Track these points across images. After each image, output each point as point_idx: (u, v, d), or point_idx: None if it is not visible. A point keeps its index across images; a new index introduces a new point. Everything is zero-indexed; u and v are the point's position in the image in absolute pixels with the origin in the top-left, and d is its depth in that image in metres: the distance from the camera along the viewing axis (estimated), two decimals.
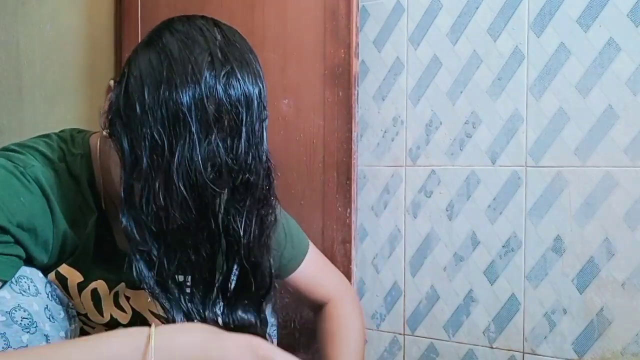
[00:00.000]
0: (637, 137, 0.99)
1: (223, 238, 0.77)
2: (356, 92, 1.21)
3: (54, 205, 0.78)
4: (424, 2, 1.18)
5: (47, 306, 0.80)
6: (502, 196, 1.10)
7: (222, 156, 0.70)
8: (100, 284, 0.86)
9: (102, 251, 0.84)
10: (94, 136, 0.86)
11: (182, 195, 0.69)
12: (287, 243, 1.00)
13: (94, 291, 0.86)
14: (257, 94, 0.72)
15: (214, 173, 0.70)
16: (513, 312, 1.10)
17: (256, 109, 0.72)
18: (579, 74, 1.03)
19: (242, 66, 0.71)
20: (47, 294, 0.81)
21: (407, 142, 1.21)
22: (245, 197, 0.74)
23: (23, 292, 0.77)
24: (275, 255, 0.84)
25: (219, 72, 0.69)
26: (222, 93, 0.69)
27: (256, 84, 0.72)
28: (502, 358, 1.11)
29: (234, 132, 0.70)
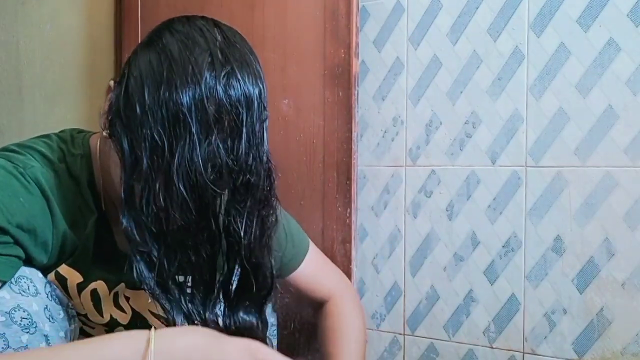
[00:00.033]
0: (637, 137, 0.98)
1: (224, 239, 0.77)
2: (356, 92, 1.21)
3: (54, 205, 0.77)
4: (424, 2, 1.18)
5: (47, 306, 0.80)
6: (502, 196, 1.10)
7: (223, 157, 0.70)
8: (100, 285, 0.86)
9: (102, 252, 0.84)
10: (94, 136, 0.86)
11: (183, 196, 0.69)
12: (288, 243, 1.00)
13: (94, 291, 0.86)
14: (258, 95, 0.72)
15: (215, 174, 0.70)
16: (513, 312, 1.10)
17: (256, 110, 0.72)
18: (579, 74, 1.03)
19: (243, 67, 0.72)
20: (47, 294, 0.81)
21: (407, 142, 1.21)
22: (245, 198, 0.75)
23: (22, 293, 0.77)
24: (276, 255, 0.84)
25: (219, 73, 0.69)
26: (223, 94, 0.69)
27: (256, 85, 0.72)
28: (502, 358, 1.11)
29: (234, 133, 0.70)
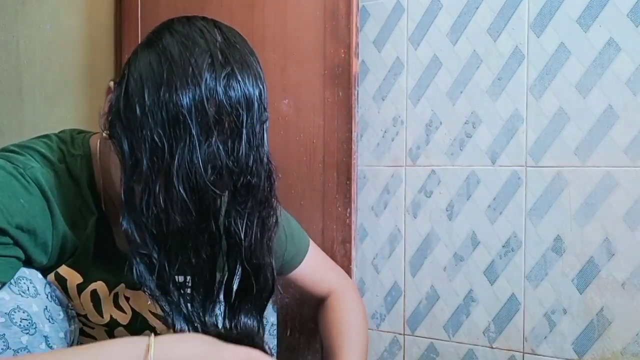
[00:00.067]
0: (637, 137, 0.98)
1: (224, 241, 0.77)
2: (356, 92, 1.21)
3: (54, 206, 0.77)
4: (424, 2, 1.18)
5: (47, 307, 0.80)
6: (502, 196, 1.10)
7: (223, 158, 0.70)
8: (99, 285, 0.86)
9: (102, 252, 0.84)
10: (94, 137, 0.86)
11: (183, 197, 0.69)
12: (289, 241, 1.00)
13: (94, 292, 0.86)
14: (258, 96, 0.72)
15: (215, 175, 0.70)
16: (513, 312, 1.10)
17: (257, 111, 0.72)
18: (579, 74, 1.03)
19: (243, 68, 0.71)
20: (47, 295, 0.81)
21: (407, 142, 1.20)
22: (246, 200, 0.74)
23: (22, 294, 0.77)
24: (276, 255, 0.84)
25: (220, 74, 0.69)
26: (223, 95, 0.69)
27: (257, 86, 0.72)
28: (502, 358, 1.11)
29: (235, 135, 0.70)
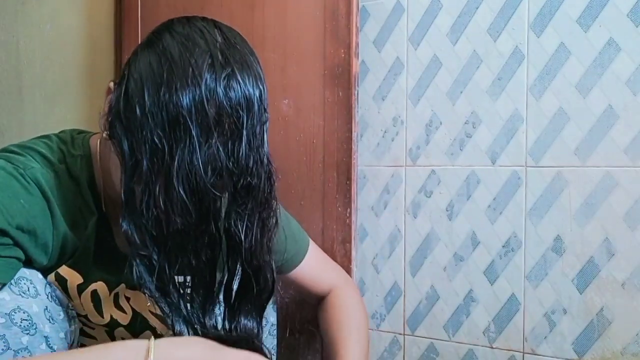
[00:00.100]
0: (637, 137, 0.98)
1: (224, 242, 0.77)
2: (356, 92, 1.21)
3: (54, 207, 0.77)
4: (424, 2, 1.18)
5: (47, 307, 0.80)
6: (502, 196, 1.10)
7: (223, 160, 0.69)
8: (100, 285, 0.86)
9: (102, 253, 0.84)
10: (94, 137, 0.86)
11: (183, 199, 0.69)
12: (289, 242, 1.00)
13: (94, 292, 0.86)
14: (258, 97, 0.72)
15: (215, 177, 0.70)
16: (513, 312, 1.10)
17: (257, 112, 0.72)
18: (579, 74, 1.03)
19: (243, 68, 0.71)
20: (47, 295, 0.81)
21: (407, 142, 1.20)
22: (246, 201, 0.74)
23: (22, 294, 0.77)
24: (277, 255, 0.84)
25: (220, 75, 0.69)
26: (223, 96, 0.69)
27: (257, 87, 0.72)
28: (502, 358, 1.11)
29: (235, 136, 0.70)
